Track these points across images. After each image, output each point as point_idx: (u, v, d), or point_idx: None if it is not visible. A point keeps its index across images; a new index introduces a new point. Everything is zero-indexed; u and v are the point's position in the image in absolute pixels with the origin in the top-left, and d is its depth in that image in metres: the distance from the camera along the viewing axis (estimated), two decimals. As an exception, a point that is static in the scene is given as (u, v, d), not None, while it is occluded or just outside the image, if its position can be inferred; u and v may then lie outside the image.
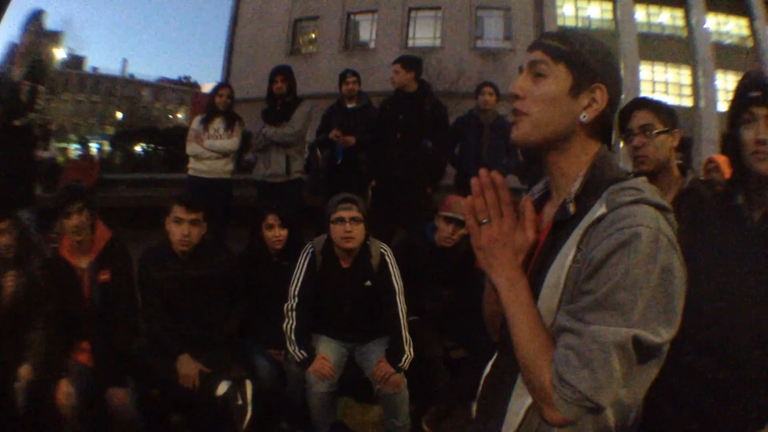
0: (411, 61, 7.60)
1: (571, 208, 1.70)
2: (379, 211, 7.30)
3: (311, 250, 4.90)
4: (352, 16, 35.79)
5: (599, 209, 1.61)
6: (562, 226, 1.73)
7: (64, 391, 4.25)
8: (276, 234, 5.11)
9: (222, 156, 7.86)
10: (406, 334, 4.69)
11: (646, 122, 3.24)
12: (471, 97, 8.81)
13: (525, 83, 1.81)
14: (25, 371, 4.29)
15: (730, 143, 2.18)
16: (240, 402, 4.51)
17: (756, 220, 2.14)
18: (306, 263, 4.85)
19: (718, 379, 2.09)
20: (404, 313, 4.78)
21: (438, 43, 33.59)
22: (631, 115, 3.30)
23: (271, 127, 7.56)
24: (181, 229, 4.63)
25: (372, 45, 35.02)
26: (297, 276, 4.83)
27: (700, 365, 2.14)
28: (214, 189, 7.72)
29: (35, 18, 6.88)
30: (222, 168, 7.89)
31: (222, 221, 7.52)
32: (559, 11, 33.83)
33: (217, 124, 7.89)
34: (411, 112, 7.35)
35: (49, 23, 7.21)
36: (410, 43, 33.96)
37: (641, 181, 1.67)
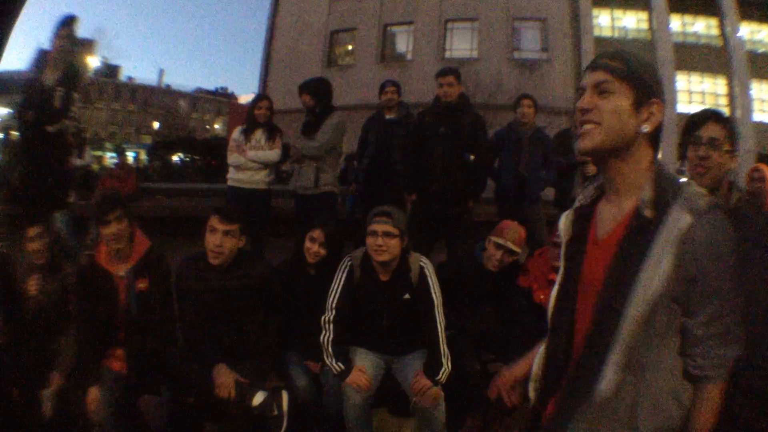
0: (459, 73, 7.56)
1: (648, 213, 1.96)
2: (419, 224, 7.26)
3: (350, 263, 4.87)
4: (388, 28, 35.88)
5: (682, 216, 1.90)
6: (641, 230, 1.97)
7: (94, 397, 4.29)
8: (316, 249, 5.09)
9: (263, 167, 7.88)
10: (444, 347, 4.65)
11: (717, 136, 3.18)
12: (509, 108, 8.71)
13: (592, 99, 2.06)
14: (55, 377, 4.37)
15: None
16: (276, 412, 4.50)
17: None
18: (344, 276, 4.83)
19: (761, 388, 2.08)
20: (442, 327, 4.73)
21: (475, 54, 33.62)
22: (702, 124, 3.24)
23: (302, 140, 7.59)
24: (214, 239, 4.61)
25: (409, 56, 35.10)
26: (335, 288, 4.82)
27: (753, 384, 2.12)
28: (253, 199, 7.74)
29: (67, 24, 6.89)
30: (262, 179, 7.91)
31: (261, 231, 7.55)
32: (595, 21, 33.76)
33: (259, 135, 7.91)
34: (452, 124, 7.28)
35: (82, 31, 7.20)
36: (447, 54, 34.04)
37: (696, 185, 2.06)
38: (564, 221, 2.37)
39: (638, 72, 2.04)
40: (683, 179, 2.07)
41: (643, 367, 1.98)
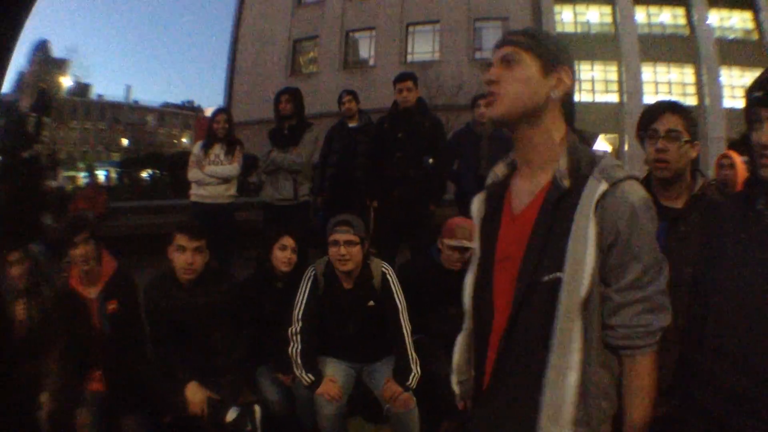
0: (416, 77, 7.60)
1: (566, 183, 2.02)
2: (381, 230, 7.33)
3: (313, 273, 4.90)
4: (351, 34, 35.84)
5: (599, 185, 1.96)
6: (559, 201, 2.03)
7: (81, 419, 4.33)
8: (288, 256, 5.11)
9: (223, 181, 7.88)
10: (412, 352, 4.70)
11: (675, 128, 3.14)
12: (470, 109, 8.75)
13: (498, 71, 2.13)
14: (45, 399, 4.34)
15: (746, 144, 2.16)
16: (249, 428, 4.50)
17: None
18: (308, 286, 4.85)
19: (741, 390, 2.07)
20: (409, 332, 4.78)
21: (437, 56, 33.69)
22: (659, 116, 3.19)
23: (279, 152, 7.58)
24: (185, 257, 4.64)
25: (371, 62, 35.08)
26: (300, 300, 4.83)
27: (722, 375, 2.12)
28: (216, 214, 7.73)
29: (40, 48, 6.89)
30: (224, 193, 7.91)
31: (226, 246, 7.52)
32: (558, 17, 33.96)
33: (218, 149, 7.90)
34: (410, 129, 7.31)
35: (56, 51, 7.22)
36: (409, 58, 34.08)
37: (613, 157, 2.11)
38: (476, 202, 2.40)
39: (542, 42, 2.13)
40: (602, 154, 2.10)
41: (590, 343, 2.00)
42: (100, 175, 44.32)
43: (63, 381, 4.47)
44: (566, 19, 34.64)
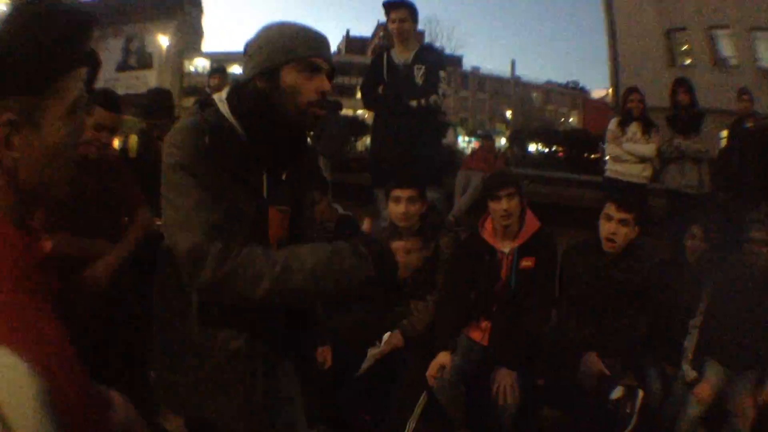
0: None
1: None
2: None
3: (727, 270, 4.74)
4: (711, 30, 32.90)
5: None
6: None
7: (442, 361, 4.60)
8: (697, 244, 5.09)
9: (640, 161, 7.95)
10: None
11: None
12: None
13: None
14: (395, 337, 4.65)
15: None
16: (629, 410, 4.47)
17: None
18: (717, 281, 4.75)
19: None
20: None
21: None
22: None
23: (682, 138, 7.65)
24: (609, 226, 4.69)
25: (732, 62, 31.92)
26: (708, 292, 4.78)
27: None
28: (630, 192, 7.55)
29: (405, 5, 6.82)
30: (639, 173, 7.99)
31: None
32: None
33: (634, 128, 8.01)
34: None
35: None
36: (759, 64, 30.32)
37: None
38: None
39: None
40: None
41: None
42: (498, 141, 44.98)
43: (435, 325, 4.78)
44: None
